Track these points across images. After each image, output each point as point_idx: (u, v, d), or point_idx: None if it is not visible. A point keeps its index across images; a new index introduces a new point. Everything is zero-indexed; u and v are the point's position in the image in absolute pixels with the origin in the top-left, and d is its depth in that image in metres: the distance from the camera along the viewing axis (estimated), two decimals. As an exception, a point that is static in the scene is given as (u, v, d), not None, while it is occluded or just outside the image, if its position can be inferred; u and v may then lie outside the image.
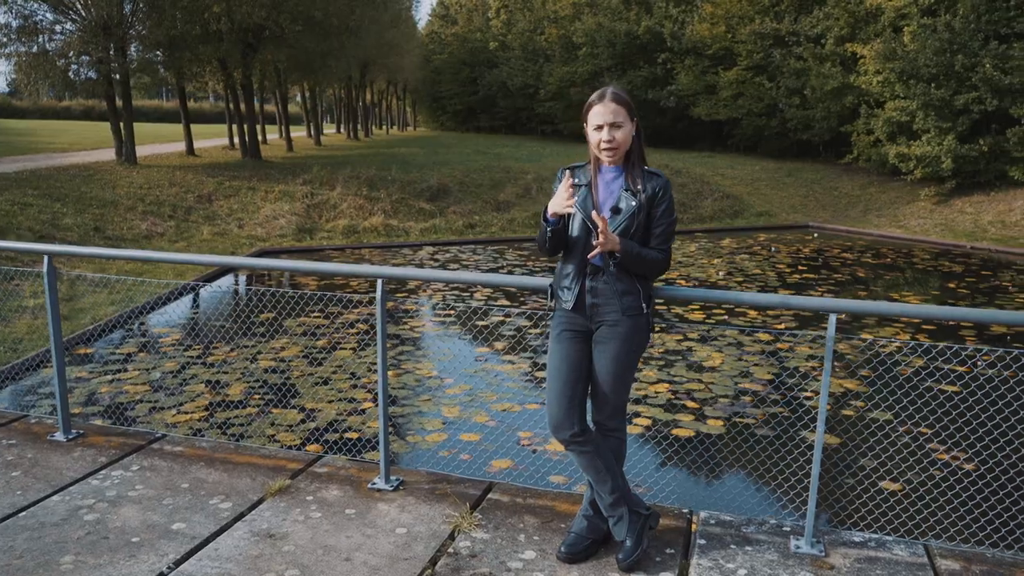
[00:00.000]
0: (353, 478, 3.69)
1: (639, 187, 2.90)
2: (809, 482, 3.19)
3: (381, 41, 32.30)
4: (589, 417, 3.07)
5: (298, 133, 39.34)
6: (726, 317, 9.93)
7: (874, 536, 3.24)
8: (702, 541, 3.18)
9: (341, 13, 21.98)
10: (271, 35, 21.22)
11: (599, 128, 2.89)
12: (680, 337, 9.05)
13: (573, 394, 2.95)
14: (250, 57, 21.83)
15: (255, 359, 8.07)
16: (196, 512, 3.35)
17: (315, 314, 9.94)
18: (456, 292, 11.41)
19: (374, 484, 3.61)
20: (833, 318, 2.98)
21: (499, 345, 8.68)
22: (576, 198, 2.94)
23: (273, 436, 6.06)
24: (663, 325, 9.54)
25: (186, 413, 6.50)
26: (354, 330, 9.33)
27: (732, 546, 3.15)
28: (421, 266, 13.95)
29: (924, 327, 9.56)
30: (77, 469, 3.76)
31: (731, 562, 3.03)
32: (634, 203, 2.88)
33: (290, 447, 5.74)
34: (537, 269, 13.73)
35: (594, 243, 2.78)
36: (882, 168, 23.00)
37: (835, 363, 8.14)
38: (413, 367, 7.89)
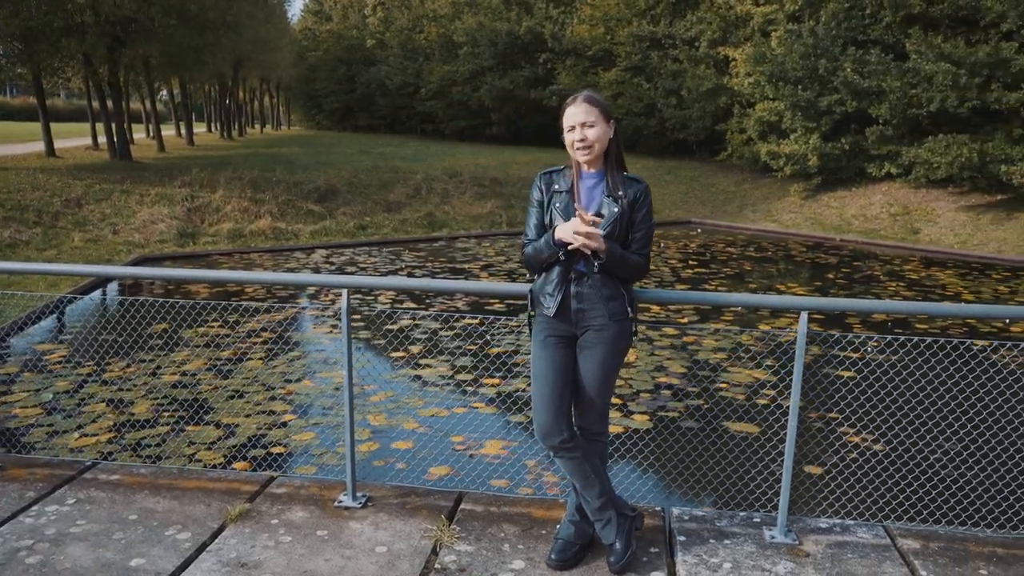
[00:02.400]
0: (316, 497, 3.53)
1: (620, 192, 2.92)
2: (781, 476, 3.30)
3: (256, 37, 31.19)
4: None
5: (166, 132, 37.40)
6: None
7: (838, 521, 3.40)
8: (682, 538, 3.24)
9: (218, 7, 21.03)
10: (141, 29, 20.04)
11: (572, 129, 2.90)
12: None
13: (561, 400, 2.94)
14: (118, 52, 20.54)
15: (156, 374, 7.61)
16: (153, 545, 3.11)
17: (214, 324, 9.47)
18: (359, 297, 11.16)
19: (340, 502, 3.47)
20: (804, 315, 3.10)
21: (415, 349, 8.55)
22: (557, 204, 2.93)
23: (193, 455, 5.73)
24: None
25: (91, 436, 6.05)
26: (259, 339, 8.96)
27: (711, 541, 3.22)
28: (317, 270, 13.56)
29: (815, 316, 10.12)
30: (3, 507, 3.42)
31: (714, 556, 3.10)
32: (616, 208, 2.90)
33: (221, 467, 5.45)
34: (438, 270, 13.63)
35: (578, 237, 2.77)
36: (755, 165, 24.20)
37: (742, 354, 8.50)
38: (329, 375, 7.66)
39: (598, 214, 2.90)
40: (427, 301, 11.03)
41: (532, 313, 3.05)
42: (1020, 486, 5.34)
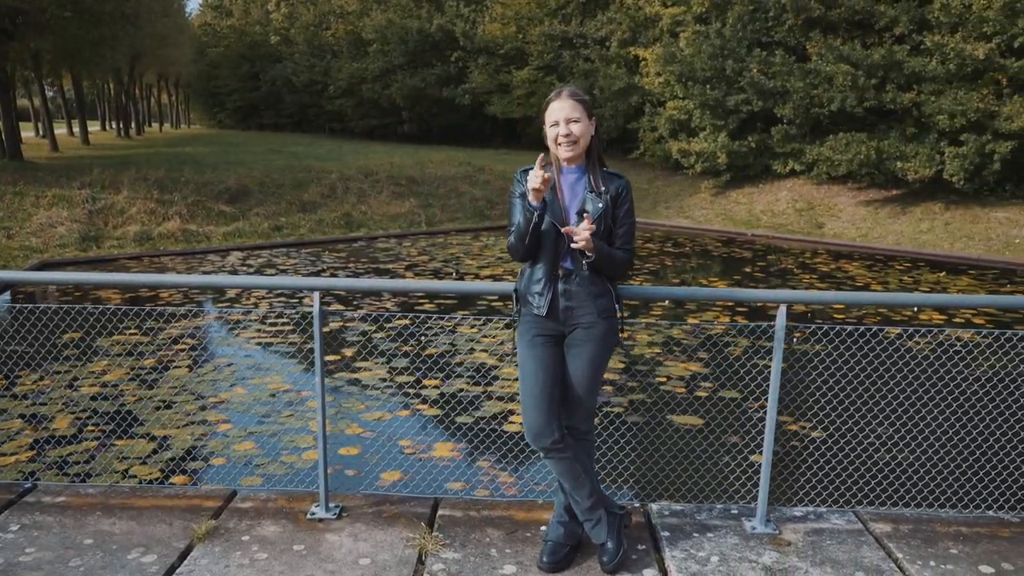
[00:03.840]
0: (286, 510, 3.37)
1: (602, 188, 2.90)
2: (759, 473, 3.34)
3: (154, 31, 29.92)
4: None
5: (57, 131, 35.41)
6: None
7: (811, 509, 3.48)
8: (665, 533, 3.24)
9: (115, -1, 20.04)
10: (31, 21, 18.88)
11: (555, 124, 2.86)
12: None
13: (551, 400, 2.89)
14: (5, 45, 19.30)
15: (74, 386, 7.16)
16: (116, 571, 2.90)
17: (131, 331, 9.00)
18: (283, 299, 10.82)
19: (313, 514, 3.32)
20: (783, 308, 3.15)
21: (348, 352, 8.34)
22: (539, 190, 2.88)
23: (126, 471, 5.41)
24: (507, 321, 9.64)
25: (9, 455, 5.63)
26: (182, 346, 8.57)
27: (695, 535, 3.24)
28: (235, 273, 13.08)
29: (739, 309, 10.41)
30: (-63, 537, 3.13)
31: (700, 550, 3.11)
32: (600, 204, 2.87)
33: (159, 482, 5.16)
34: (361, 271, 13.37)
35: (576, 238, 2.73)
36: (666, 163, 24.76)
37: (674, 348, 8.65)
38: (261, 381, 7.38)
39: (582, 210, 2.87)
40: (355, 302, 10.80)
41: (517, 312, 2.99)
42: (946, 466, 5.61)
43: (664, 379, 7.54)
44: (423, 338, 8.89)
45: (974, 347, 8.70)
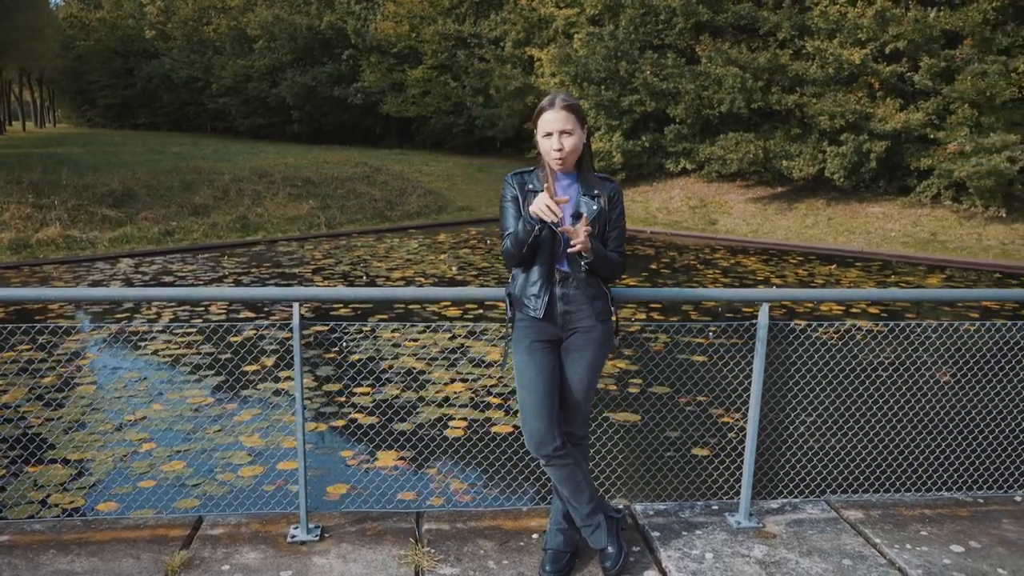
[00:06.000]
0: (263, 534, 3.19)
1: (596, 191, 2.88)
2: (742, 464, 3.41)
3: (15, 23, 27.91)
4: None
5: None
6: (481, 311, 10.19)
7: (787, 501, 3.58)
8: (655, 533, 3.26)
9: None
10: None
11: (549, 135, 2.81)
12: (450, 335, 9.11)
13: (552, 406, 2.85)
14: None
15: (-34, 410, 6.56)
16: (89, 613, 2.66)
17: (22, 347, 8.33)
18: (187, 308, 10.29)
19: (294, 536, 3.15)
20: (766, 307, 3.22)
21: (268, 361, 8.01)
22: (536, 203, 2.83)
23: (44, 500, 4.99)
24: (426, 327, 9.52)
25: (-96, 490, 5.09)
26: (84, 360, 8.01)
27: (684, 533, 3.27)
28: (129, 282, 12.34)
29: (652, 305, 10.66)
30: None
31: (694, 548, 3.14)
32: (595, 208, 2.85)
33: (85, 511, 4.78)
34: (266, 276, 12.89)
35: (573, 242, 2.70)
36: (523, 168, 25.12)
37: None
38: (180, 396, 6.98)
39: (577, 213, 2.84)
40: (266, 309, 10.40)
41: (511, 317, 2.93)
42: (876, 447, 5.91)
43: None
44: (344, 345, 8.66)
45: (871, 337, 9.23)
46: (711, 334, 9.21)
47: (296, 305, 3.00)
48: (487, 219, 21.40)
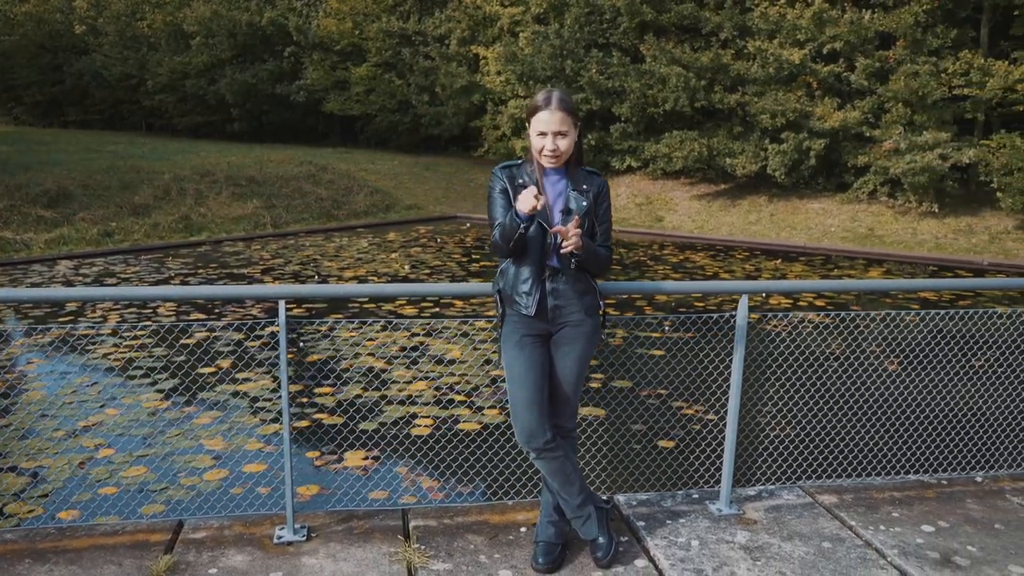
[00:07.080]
0: (248, 536, 3.14)
1: (584, 187, 2.92)
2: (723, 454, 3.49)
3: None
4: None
5: None
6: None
7: (763, 488, 3.67)
8: (641, 523, 3.31)
9: None
10: None
11: (543, 135, 2.84)
12: (407, 334, 9.06)
13: (543, 400, 2.88)
14: None
15: (-94, 419, 6.28)
16: (75, 622, 2.58)
17: (-38, 353, 8.01)
18: (135, 310, 10.01)
19: (281, 537, 3.11)
20: (744, 299, 3.29)
21: (225, 363, 7.85)
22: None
23: (0, 510, 4.81)
24: (385, 323, 9.45)
25: None
26: (29, 365, 7.74)
27: (668, 522, 3.33)
28: (71, 283, 11.94)
29: (607, 301, 10.74)
30: None
31: (679, 536, 3.21)
32: (584, 203, 2.89)
33: (47, 518, 4.62)
34: (214, 276, 12.61)
35: (565, 242, 2.72)
36: (511, 160, 25.16)
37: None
38: (134, 399, 6.80)
39: (567, 209, 2.87)
40: (216, 310, 10.18)
41: (501, 313, 2.94)
42: (839, 434, 6.09)
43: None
44: (302, 344, 8.54)
45: (814, 328, 9.50)
46: (667, 328, 9.36)
47: (282, 303, 2.96)
48: (435, 217, 21.32)
